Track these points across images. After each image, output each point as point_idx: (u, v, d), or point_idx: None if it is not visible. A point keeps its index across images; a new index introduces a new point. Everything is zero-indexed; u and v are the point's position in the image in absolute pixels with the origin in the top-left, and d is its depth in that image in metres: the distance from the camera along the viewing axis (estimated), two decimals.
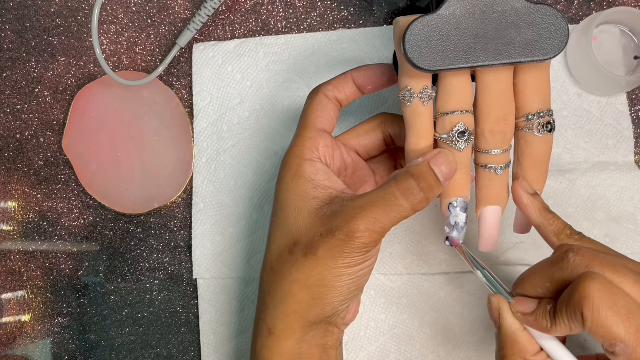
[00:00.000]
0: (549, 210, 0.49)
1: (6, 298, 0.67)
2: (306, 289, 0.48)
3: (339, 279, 0.47)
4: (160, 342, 0.66)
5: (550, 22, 0.44)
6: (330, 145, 0.52)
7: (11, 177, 0.69)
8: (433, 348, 0.62)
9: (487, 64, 0.45)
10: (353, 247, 0.46)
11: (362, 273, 0.48)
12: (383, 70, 0.54)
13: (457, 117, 0.47)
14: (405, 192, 0.46)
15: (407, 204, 0.46)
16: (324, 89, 0.54)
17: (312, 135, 0.52)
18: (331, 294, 0.48)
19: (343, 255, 0.46)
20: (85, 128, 0.68)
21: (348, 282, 0.48)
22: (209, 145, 0.67)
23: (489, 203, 0.49)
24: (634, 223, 0.61)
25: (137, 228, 0.67)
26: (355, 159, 0.55)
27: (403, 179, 0.46)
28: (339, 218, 0.47)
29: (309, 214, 0.49)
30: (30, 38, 0.70)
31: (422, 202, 0.46)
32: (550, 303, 0.44)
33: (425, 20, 0.44)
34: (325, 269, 0.47)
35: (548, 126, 0.47)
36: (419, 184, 0.46)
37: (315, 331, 0.49)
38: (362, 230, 0.46)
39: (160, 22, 0.69)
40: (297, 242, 0.49)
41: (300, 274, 0.48)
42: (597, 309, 0.39)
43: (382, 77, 0.54)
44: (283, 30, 0.68)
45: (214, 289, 0.65)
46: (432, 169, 0.46)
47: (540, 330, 0.44)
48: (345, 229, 0.46)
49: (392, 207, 0.46)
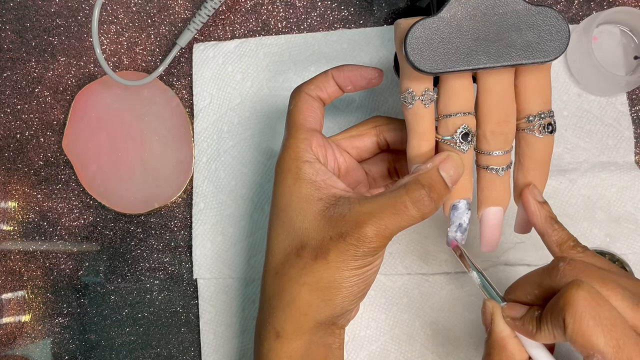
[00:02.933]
0: (555, 220, 0.49)
1: (6, 298, 0.67)
2: (316, 291, 0.48)
3: (349, 280, 0.47)
4: (160, 342, 0.66)
5: (551, 24, 0.44)
6: (323, 144, 0.52)
7: (11, 177, 0.69)
8: (433, 348, 0.62)
9: (489, 66, 0.45)
10: (364, 251, 0.46)
11: (371, 273, 0.49)
12: (364, 72, 0.54)
13: (459, 119, 0.47)
14: (415, 202, 0.46)
15: (417, 213, 0.46)
16: (306, 89, 0.53)
17: (305, 135, 0.51)
18: (341, 295, 0.48)
19: (354, 258, 0.46)
20: (85, 128, 0.68)
21: (358, 282, 0.48)
22: (209, 145, 0.67)
23: (491, 204, 0.49)
24: (634, 223, 0.61)
25: (137, 228, 0.67)
26: (348, 160, 0.55)
27: (414, 189, 0.46)
28: (349, 222, 0.46)
29: (315, 217, 0.48)
30: (30, 38, 0.70)
31: (432, 210, 0.46)
32: (538, 309, 0.43)
33: (426, 22, 0.44)
34: (336, 271, 0.47)
35: (549, 127, 0.47)
36: (430, 194, 0.46)
37: (322, 332, 0.49)
38: (372, 236, 0.46)
39: (160, 22, 0.69)
40: (304, 245, 0.48)
41: (310, 277, 0.47)
42: (580, 317, 0.39)
43: (361, 79, 0.54)
44: (283, 30, 0.68)
45: (214, 288, 0.65)
46: (441, 174, 0.46)
47: (527, 335, 0.44)
48: (356, 234, 0.46)
49: (402, 216, 0.46)
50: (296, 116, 0.52)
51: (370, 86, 0.55)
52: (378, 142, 0.55)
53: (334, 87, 0.54)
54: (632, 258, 0.61)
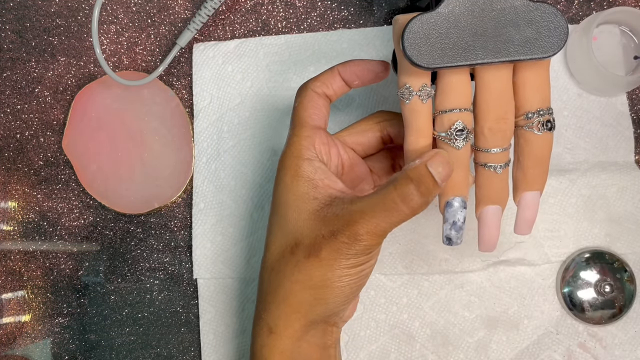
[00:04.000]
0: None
1: (6, 298, 0.67)
2: (308, 289, 0.48)
3: (341, 279, 0.47)
4: (160, 342, 0.66)
5: (549, 20, 0.44)
6: (326, 142, 0.52)
7: (11, 177, 0.69)
8: (433, 348, 0.62)
9: (486, 62, 0.44)
10: (356, 249, 0.46)
11: (364, 273, 0.48)
12: (370, 65, 0.54)
13: (455, 115, 0.46)
14: (404, 198, 0.46)
15: (407, 209, 0.46)
16: (312, 86, 0.53)
17: (308, 133, 0.52)
18: (333, 294, 0.48)
19: (346, 257, 0.46)
20: (85, 128, 0.68)
21: (350, 282, 0.48)
22: (209, 145, 0.67)
23: (489, 202, 0.49)
24: (634, 223, 0.61)
25: (137, 228, 0.67)
26: (352, 156, 0.55)
27: (402, 184, 0.46)
28: (341, 221, 0.47)
29: (310, 215, 0.48)
30: (30, 38, 0.70)
31: (422, 206, 0.46)
32: None
33: (424, 17, 0.44)
34: (328, 269, 0.47)
35: (548, 124, 0.47)
36: (418, 189, 0.46)
37: (315, 330, 0.49)
38: (364, 234, 0.46)
39: (160, 22, 0.69)
40: (298, 243, 0.48)
41: (303, 274, 0.48)
42: None
43: (368, 73, 0.54)
44: (283, 30, 0.68)
45: (214, 288, 0.65)
46: (430, 171, 0.46)
47: None
48: (347, 232, 0.46)
49: (392, 213, 0.46)
50: (300, 113, 0.53)
51: (378, 80, 0.54)
52: (382, 137, 0.55)
53: (340, 83, 0.54)
54: (632, 258, 0.61)
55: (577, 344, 0.61)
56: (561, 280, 0.61)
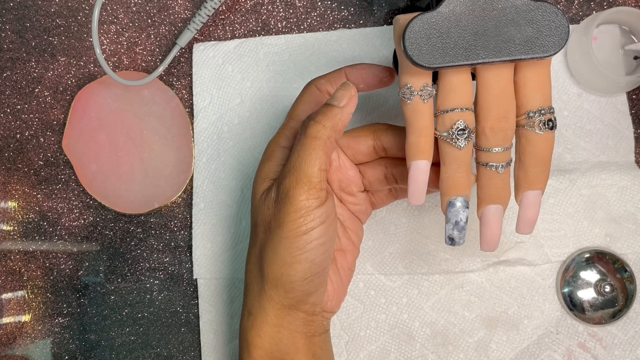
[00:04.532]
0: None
1: (6, 298, 0.67)
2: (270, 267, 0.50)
3: (292, 253, 0.48)
4: (160, 342, 0.66)
5: (550, 19, 0.44)
6: None
7: (11, 177, 0.69)
8: (433, 348, 0.62)
9: (487, 61, 0.44)
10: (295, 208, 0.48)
11: (313, 245, 0.49)
12: (376, 70, 0.55)
13: (456, 114, 0.46)
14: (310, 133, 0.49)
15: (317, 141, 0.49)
16: (316, 82, 0.55)
17: (294, 125, 0.54)
18: (288, 270, 0.49)
19: (286, 220, 0.48)
20: (85, 128, 0.68)
21: (301, 257, 0.48)
22: (209, 145, 0.67)
23: (490, 202, 0.49)
24: (634, 223, 0.61)
25: (137, 228, 0.67)
26: (342, 158, 0.55)
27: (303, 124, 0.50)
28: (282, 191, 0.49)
29: (261, 195, 0.52)
30: (30, 38, 0.70)
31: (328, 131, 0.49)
32: None
33: (425, 17, 0.44)
34: (278, 241, 0.49)
35: (549, 123, 0.47)
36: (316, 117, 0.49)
37: (291, 317, 0.51)
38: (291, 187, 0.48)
39: (160, 22, 0.69)
40: (256, 223, 0.52)
41: (264, 252, 0.50)
42: None
43: (374, 78, 0.55)
44: (283, 30, 0.68)
45: (214, 288, 0.65)
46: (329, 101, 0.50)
47: None
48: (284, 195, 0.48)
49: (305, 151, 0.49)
50: (296, 106, 0.55)
51: (382, 86, 0.55)
52: (374, 145, 0.54)
53: None
54: (632, 258, 0.61)
55: (577, 344, 0.61)
56: (561, 280, 0.61)
